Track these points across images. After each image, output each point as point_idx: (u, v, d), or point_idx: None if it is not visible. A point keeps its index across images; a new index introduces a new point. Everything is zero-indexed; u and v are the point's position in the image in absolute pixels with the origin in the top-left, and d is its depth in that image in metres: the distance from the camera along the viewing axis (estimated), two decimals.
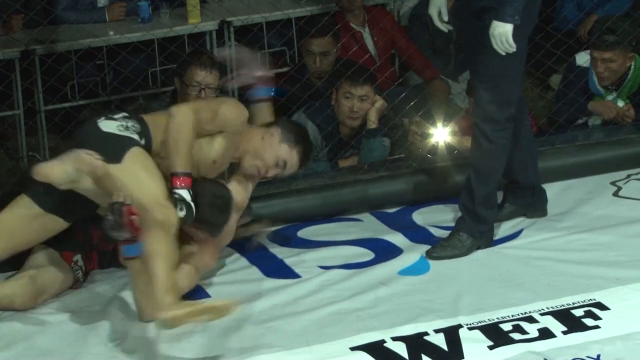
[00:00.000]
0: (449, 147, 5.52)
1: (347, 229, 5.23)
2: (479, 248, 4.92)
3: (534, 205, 5.19)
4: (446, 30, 4.87)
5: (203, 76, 5.43)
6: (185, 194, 4.28)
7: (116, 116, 4.41)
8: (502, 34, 4.57)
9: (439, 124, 5.58)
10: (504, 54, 4.61)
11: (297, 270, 4.83)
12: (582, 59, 6.11)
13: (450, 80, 6.68)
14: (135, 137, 4.34)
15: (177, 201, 4.26)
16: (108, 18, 6.59)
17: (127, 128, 4.35)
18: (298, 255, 4.97)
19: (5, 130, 6.42)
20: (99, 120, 4.38)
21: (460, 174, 5.48)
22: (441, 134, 5.53)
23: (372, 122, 5.70)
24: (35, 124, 6.38)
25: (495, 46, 4.61)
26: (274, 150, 4.56)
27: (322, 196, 5.37)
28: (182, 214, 4.26)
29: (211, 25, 6.56)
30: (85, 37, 6.21)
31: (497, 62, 4.65)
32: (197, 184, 4.35)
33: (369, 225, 5.26)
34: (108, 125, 4.34)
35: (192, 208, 4.28)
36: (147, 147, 4.36)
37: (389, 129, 5.78)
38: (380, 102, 5.74)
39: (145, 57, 6.36)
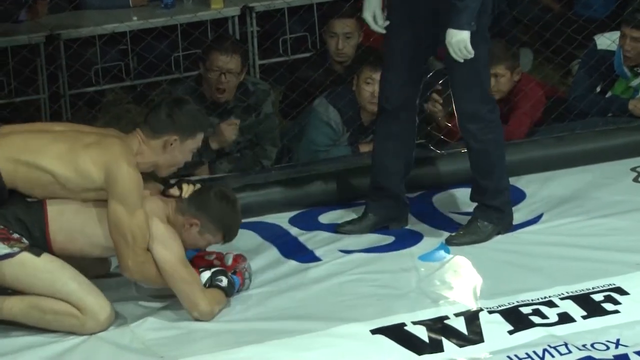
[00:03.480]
0: None
1: None
2: (498, 233, 4.94)
3: (395, 216, 5.07)
4: (383, 32, 4.81)
5: (225, 61, 5.44)
6: (206, 274, 4.39)
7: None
8: (460, 41, 4.54)
9: None
10: (462, 61, 4.58)
11: (317, 253, 4.86)
12: (604, 42, 6.09)
13: None
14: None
15: (213, 279, 4.37)
16: (132, 4, 6.64)
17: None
18: (319, 239, 4.99)
19: (30, 114, 6.47)
20: None
21: None
22: None
23: None
24: (59, 108, 6.43)
25: (453, 54, 4.57)
26: (185, 151, 4.41)
27: (343, 181, 5.40)
28: (224, 284, 4.38)
29: (233, 11, 6.60)
30: (109, 22, 6.26)
31: (467, 62, 4.62)
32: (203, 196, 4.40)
33: None
34: None
35: (229, 278, 4.40)
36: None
37: None
38: None
39: (169, 43, 6.40)
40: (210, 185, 4.55)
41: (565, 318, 4.28)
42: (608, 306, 4.36)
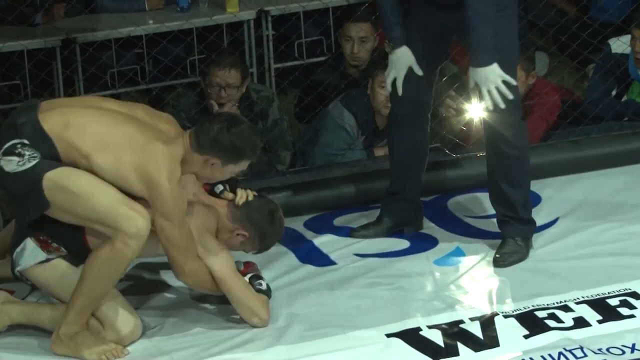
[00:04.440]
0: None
1: None
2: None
3: (411, 220, 5.04)
4: (400, 94, 4.72)
5: (223, 77, 5.41)
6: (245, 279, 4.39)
7: (12, 145, 4.08)
8: (496, 77, 4.43)
9: (474, 100, 5.58)
10: (498, 102, 4.46)
11: (333, 257, 4.86)
12: (619, 46, 6.08)
13: None
14: (38, 160, 4.08)
15: (253, 284, 4.39)
16: (147, 7, 6.66)
17: (29, 158, 4.07)
18: (334, 243, 5.00)
19: None
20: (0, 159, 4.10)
21: None
22: (476, 110, 5.55)
23: None
24: None
25: (486, 95, 4.45)
26: (226, 172, 4.30)
27: (357, 184, 5.40)
28: (264, 287, 4.39)
29: (249, 15, 6.62)
30: (125, 25, 6.28)
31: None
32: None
33: None
34: (8, 165, 4.08)
35: (265, 280, 4.41)
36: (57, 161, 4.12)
37: None
38: None
39: (184, 46, 6.42)
40: (264, 198, 4.50)
41: (580, 322, 4.28)
42: (624, 311, 4.35)
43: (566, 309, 4.36)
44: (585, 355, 4.07)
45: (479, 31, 4.41)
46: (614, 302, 4.39)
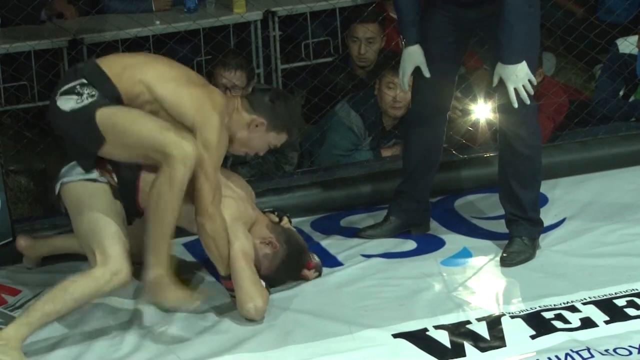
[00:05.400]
0: (490, 125, 5.53)
1: None
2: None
3: (418, 220, 5.04)
4: (406, 91, 4.83)
5: (228, 77, 5.43)
6: None
7: (72, 87, 4.24)
8: (525, 75, 4.45)
9: (480, 101, 5.59)
10: (525, 99, 4.48)
11: (339, 258, 4.87)
12: (627, 47, 6.08)
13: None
14: (96, 98, 4.21)
15: None
16: (154, 8, 6.67)
17: (87, 96, 4.21)
18: (341, 244, 5.00)
19: None
20: (57, 100, 4.25)
21: None
22: (482, 111, 5.55)
23: None
24: None
25: (512, 94, 4.45)
26: (263, 143, 4.47)
27: (364, 185, 5.40)
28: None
29: (256, 15, 6.62)
30: (132, 26, 6.28)
31: None
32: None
33: None
34: (67, 103, 4.23)
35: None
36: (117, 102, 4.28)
37: None
38: None
39: (191, 47, 6.43)
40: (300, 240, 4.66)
41: (587, 323, 4.27)
42: (631, 311, 4.34)
43: (573, 309, 4.35)
44: (592, 356, 4.06)
45: (514, 28, 4.40)
46: (621, 302, 4.39)
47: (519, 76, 4.48)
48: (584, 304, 4.39)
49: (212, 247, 4.34)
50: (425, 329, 4.26)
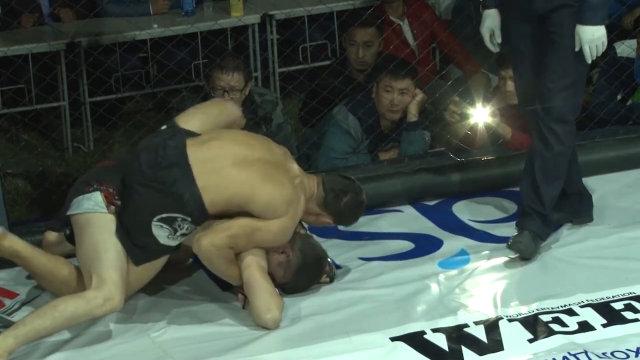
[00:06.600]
0: (489, 129, 5.54)
1: (387, 221, 5.26)
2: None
3: (580, 211, 5.08)
4: (496, 51, 4.87)
5: (226, 80, 5.43)
6: None
7: (173, 218, 4.29)
8: (600, 37, 4.55)
9: (478, 105, 5.59)
10: (593, 58, 4.58)
11: (337, 261, 4.86)
12: (625, 50, 6.08)
13: (491, 74, 6.69)
14: (179, 241, 4.34)
15: None
16: (152, 11, 6.67)
17: (179, 236, 4.32)
18: (339, 247, 5.00)
19: (51, 121, 6.50)
20: (152, 227, 4.28)
21: (500, 167, 5.51)
22: (480, 115, 5.55)
23: (413, 115, 5.72)
24: (80, 115, 6.47)
25: (587, 52, 4.56)
26: (318, 224, 4.70)
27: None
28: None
29: (254, 19, 6.62)
30: (130, 30, 6.29)
31: (573, 62, 4.62)
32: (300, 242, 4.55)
33: (409, 217, 5.29)
34: (161, 235, 4.29)
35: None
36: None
37: (429, 122, 5.80)
38: (420, 96, 5.76)
39: (189, 50, 6.42)
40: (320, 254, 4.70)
41: (585, 326, 4.27)
42: (628, 314, 4.34)
43: (571, 312, 4.35)
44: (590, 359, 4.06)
45: None
46: (618, 305, 4.39)
47: (595, 35, 4.56)
48: (582, 307, 4.39)
49: (212, 269, 4.44)
50: (423, 332, 4.26)
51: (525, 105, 4.85)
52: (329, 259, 4.70)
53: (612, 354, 4.09)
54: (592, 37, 4.55)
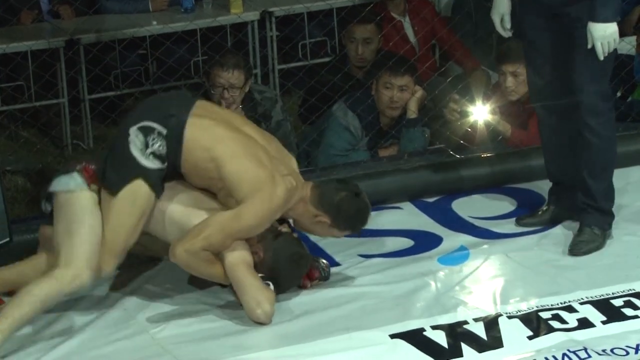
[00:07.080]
0: (488, 126, 5.53)
1: (386, 218, 5.25)
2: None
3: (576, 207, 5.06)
4: (507, 36, 4.87)
5: (226, 77, 5.42)
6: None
7: (151, 128, 4.30)
8: (612, 34, 4.55)
9: (478, 102, 5.59)
10: (604, 56, 4.56)
11: (337, 258, 4.86)
12: (624, 47, 6.08)
13: (491, 71, 6.69)
14: (153, 165, 4.29)
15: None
16: (151, 8, 6.68)
17: (150, 153, 4.28)
18: (338, 244, 4.98)
19: (50, 118, 6.51)
20: (131, 132, 4.29)
21: (500, 164, 5.50)
22: (480, 112, 5.55)
23: (412, 112, 5.73)
24: (79, 112, 6.47)
25: (599, 49, 4.55)
26: (325, 233, 4.62)
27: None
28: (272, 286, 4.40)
29: (253, 16, 6.63)
30: (129, 27, 6.29)
31: (596, 56, 4.59)
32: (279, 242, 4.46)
33: (408, 214, 5.28)
34: (135, 144, 4.28)
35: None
36: (173, 168, 4.33)
37: (429, 119, 5.80)
38: (420, 92, 5.76)
39: (188, 47, 6.43)
40: (292, 244, 4.61)
41: (584, 323, 4.27)
42: (628, 311, 4.34)
43: (570, 309, 4.35)
44: (589, 357, 4.06)
45: None
46: (618, 302, 4.39)
47: (607, 32, 4.55)
48: (581, 304, 4.39)
49: (195, 274, 4.45)
50: (423, 329, 4.25)
51: (538, 98, 4.85)
52: (322, 260, 4.66)
53: (611, 350, 4.09)
54: (604, 33, 4.55)
